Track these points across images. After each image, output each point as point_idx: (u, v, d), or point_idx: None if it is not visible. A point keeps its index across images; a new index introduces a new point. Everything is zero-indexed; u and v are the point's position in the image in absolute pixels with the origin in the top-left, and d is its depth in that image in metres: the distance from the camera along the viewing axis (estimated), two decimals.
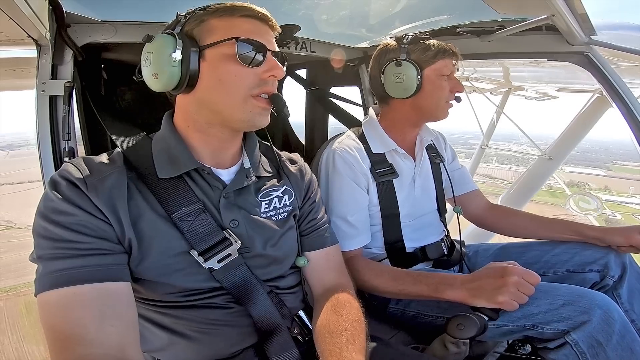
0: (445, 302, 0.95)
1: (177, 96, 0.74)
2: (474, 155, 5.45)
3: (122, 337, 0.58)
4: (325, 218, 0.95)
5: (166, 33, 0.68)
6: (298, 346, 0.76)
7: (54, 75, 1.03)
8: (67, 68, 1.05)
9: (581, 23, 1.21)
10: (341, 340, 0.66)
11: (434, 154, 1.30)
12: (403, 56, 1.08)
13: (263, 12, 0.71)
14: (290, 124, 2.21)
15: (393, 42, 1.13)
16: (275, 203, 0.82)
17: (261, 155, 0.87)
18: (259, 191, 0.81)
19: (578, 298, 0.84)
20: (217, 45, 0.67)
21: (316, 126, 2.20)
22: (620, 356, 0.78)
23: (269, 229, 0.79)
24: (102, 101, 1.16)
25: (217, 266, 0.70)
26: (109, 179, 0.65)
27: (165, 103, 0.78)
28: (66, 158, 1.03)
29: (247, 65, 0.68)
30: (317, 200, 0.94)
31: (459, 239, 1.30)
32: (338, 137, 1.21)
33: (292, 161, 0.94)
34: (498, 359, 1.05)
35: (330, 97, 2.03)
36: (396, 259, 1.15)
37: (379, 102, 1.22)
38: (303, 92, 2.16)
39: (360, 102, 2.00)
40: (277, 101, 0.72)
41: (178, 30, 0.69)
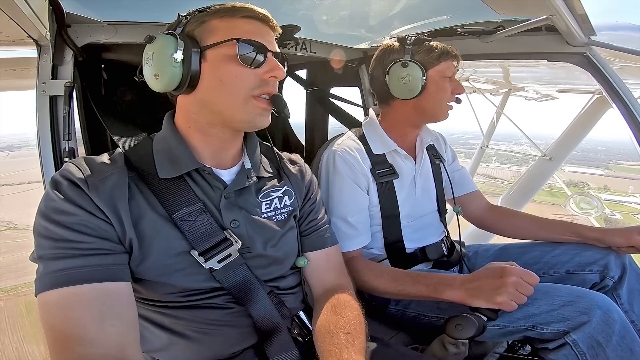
0: (444, 303, 0.95)
1: (178, 97, 0.74)
2: (474, 155, 5.46)
3: (122, 337, 0.58)
4: (325, 218, 0.95)
5: (167, 33, 0.68)
6: (298, 347, 0.76)
7: (54, 75, 1.03)
8: (68, 68, 1.05)
9: (581, 23, 1.21)
10: (341, 340, 0.66)
11: (434, 155, 1.30)
12: (407, 57, 1.08)
13: (264, 13, 0.72)
14: (290, 125, 2.20)
15: (396, 43, 1.12)
16: (275, 203, 0.82)
17: (262, 155, 0.87)
18: (260, 191, 0.81)
19: (578, 299, 0.85)
20: (218, 45, 0.67)
21: (316, 127, 2.20)
22: (620, 357, 0.78)
23: (270, 230, 0.79)
24: (103, 101, 1.16)
25: (218, 266, 0.70)
26: (110, 179, 0.65)
27: (165, 103, 0.79)
28: (66, 158, 1.03)
29: (248, 66, 0.68)
30: (318, 200, 0.94)
31: (459, 240, 1.30)
32: (338, 138, 1.21)
33: (293, 162, 0.94)
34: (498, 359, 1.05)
35: (330, 98, 2.03)
36: (396, 260, 1.15)
37: (380, 103, 1.22)
38: (303, 93, 2.16)
39: (360, 103, 2.00)
40: (278, 102, 0.72)
41: (179, 30, 0.69)
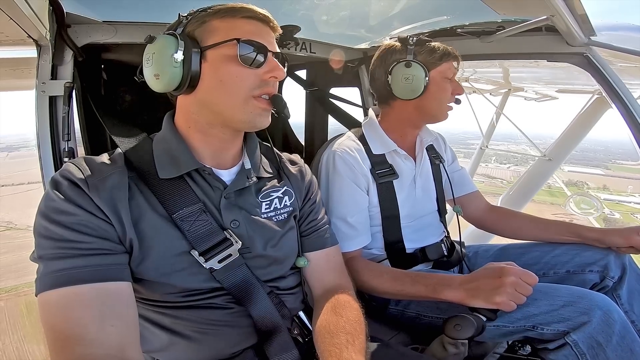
0: (444, 303, 0.95)
1: (178, 97, 0.74)
2: (474, 156, 5.45)
3: (123, 337, 0.58)
4: (325, 219, 0.95)
5: (168, 34, 0.68)
6: (298, 347, 0.76)
7: (54, 75, 1.03)
8: (67, 68, 1.05)
9: (581, 24, 1.21)
10: (341, 340, 0.66)
11: (434, 155, 1.30)
12: (410, 57, 1.08)
13: (264, 14, 0.72)
14: (290, 125, 2.20)
15: (397, 43, 1.12)
16: (275, 204, 0.82)
17: (262, 156, 0.87)
18: (260, 192, 0.81)
19: (578, 299, 0.85)
20: (219, 46, 0.67)
21: (316, 127, 2.19)
22: (620, 357, 0.78)
23: (270, 230, 0.79)
24: (102, 102, 1.16)
25: (218, 266, 0.70)
26: (110, 179, 0.65)
27: (165, 104, 0.79)
28: (66, 158, 1.03)
29: (248, 66, 0.68)
30: (318, 201, 0.94)
31: (459, 240, 1.30)
32: (338, 138, 1.21)
33: (293, 162, 0.94)
34: None
35: (330, 98, 2.03)
36: (396, 260, 1.15)
37: (380, 103, 1.22)
38: (303, 93, 2.16)
39: (359, 103, 2.00)
40: (278, 102, 0.72)
41: (180, 31, 0.69)
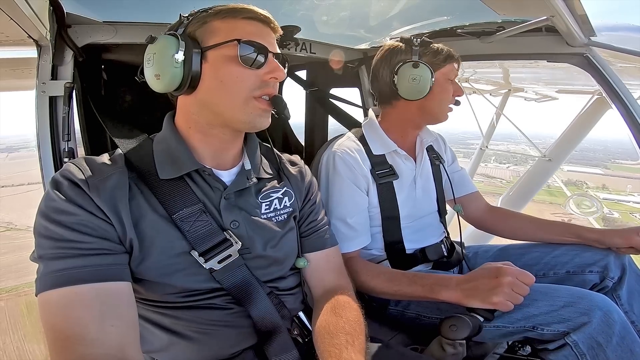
0: (444, 304, 0.95)
1: (179, 97, 0.74)
2: (474, 156, 5.45)
3: (123, 337, 0.58)
4: (325, 219, 0.95)
5: (169, 34, 0.68)
6: (298, 347, 0.76)
7: (54, 75, 1.03)
8: (67, 69, 1.05)
9: (581, 24, 1.21)
10: (341, 341, 0.66)
11: (434, 156, 1.30)
12: (415, 58, 1.08)
13: (265, 15, 0.72)
14: (290, 125, 2.20)
15: (401, 44, 1.12)
16: (275, 204, 0.82)
17: (262, 156, 0.87)
18: (260, 192, 0.81)
19: (578, 299, 0.85)
20: (219, 46, 0.67)
21: (316, 127, 2.19)
22: (620, 357, 0.78)
23: (269, 230, 0.79)
24: (103, 102, 1.16)
25: (218, 267, 0.70)
26: (111, 180, 0.65)
27: (166, 104, 0.79)
28: (66, 159, 1.02)
29: (249, 66, 0.68)
30: (317, 201, 0.94)
31: (459, 241, 1.30)
32: (338, 139, 1.21)
33: (293, 163, 0.94)
34: None
35: (330, 98, 2.02)
36: (396, 261, 1.15)
37: (381, 103, 1.21)
38: (303, 93, 2.16)
39: (359, 104, 2.00)
40: (278, 103, 0.72)
41: (181, 31, 0.69)
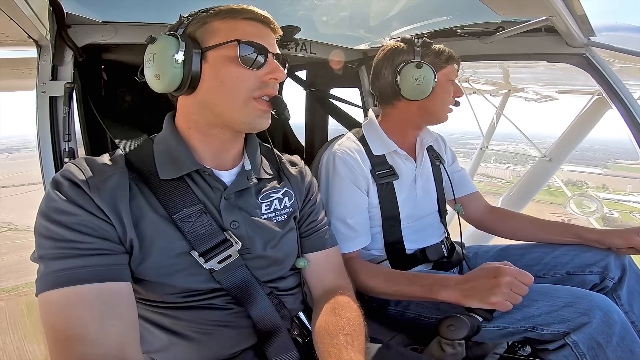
0: (444, 304, 0.95)
1: (179, 97, 0.74)
2: (474, 157, 5.44)
3: (123, 337, 0.58)
4: (325, 220, 0.95)
5: (169, 34, 0.68)
6: (298, 347, 0.76)
7: (54, 76, 1.03)
8: (68, 69, 1.05)
9: (580, 24, 1.21)
10: (340, 341, 0.66)
11: (434, 156, 1.30)
12: (417, 59, 1.08)
13: (265, 15, 0.72)
14: (290, 126, 2.20)
15: (402, 44, 1.11)
16: (275, 205, 0.82)
17: (262, 157, 0.87)
18: (260, 193, 0.81)
19: (578, 300, 0.85)
20: (220, 47, 0.67)
21: (316, 128, 2.19)
22: (620, 358, 0.78)
23: (269, 231, 0.79)
24: (103, 102, 1.16)
25: (218, 267, 0.70)
26: (111, 180, 0.65)
27: (166, 104, 0.79)
28: (66, 159, 1.03)
29: (249, 67, 0.68)
30: (318, 202, 0.94)
31: (460, 241, 1.30)
32: (338, 139, 1.21)
33: (293, 163, 0.94)
34: None
35: (330, 99, 2.02)
36: (396, 261, 1.15)
37: (382, 103, 1.21)
38: (303, 94, 2.16)
39: (359, 104, 2.00)
40: (278, 103, 0.72)
41: (181, 31, 0.69)
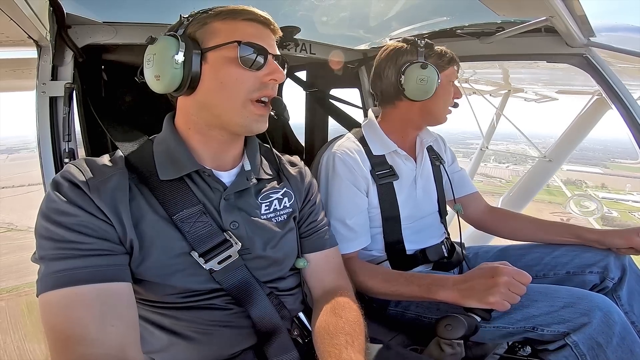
0: (444, 304, 0.95)
1: (179, 98, 0.74)
2: (474, 157, 5.44)
3: (123, 338, 0.58)
4: (325, 220, 0.95)
5: (169, 35, 0.68)
6: (297, 348, 0.76)
7: (54, 76, 1.03)
8: (68, 69, 1.05)
9: (580, 25, 1.21)
10: (340, 341, 0.66)
11: (434, 156, 1.30)
12: (421, 59, 1.08)
13: (265, 16, 0.72)
14: (290, 126, 2.20)
15: (405, 44, 1.11)
16: (275, 205, 0.83)
17: (262, 157, 0.87)
18: (259, 193, 0.81)
19: (578, 300, 0.85)
20: (220, 48, 0.68)
21: (316, 128, 2.19)
22: (620, 358, 0.78)
23: (269, 231, 0.79)
24: (103, 102, 1.16)
25: (218, 267, 0.71)
26: (111, 181, 0.65)
27: (166, 105, 0.79)
28: (66, 159, 1.03)
29: (249, 68, 0.68)
30: (317, 202, 0.94)
31: (460, 241, 1.30)
32: (338, 140, 1.20)
33: (292, 163, 0.94)
34: None
35: (330, 99, 2.02)
36: (396, 261, 1.15)
37: (383, 103, 1.20)
38: (303, 94, 2.16)
39: (359, 104, 2.00)
40: (278, 105, 0.73)
41: (181, 32, 0.69)
